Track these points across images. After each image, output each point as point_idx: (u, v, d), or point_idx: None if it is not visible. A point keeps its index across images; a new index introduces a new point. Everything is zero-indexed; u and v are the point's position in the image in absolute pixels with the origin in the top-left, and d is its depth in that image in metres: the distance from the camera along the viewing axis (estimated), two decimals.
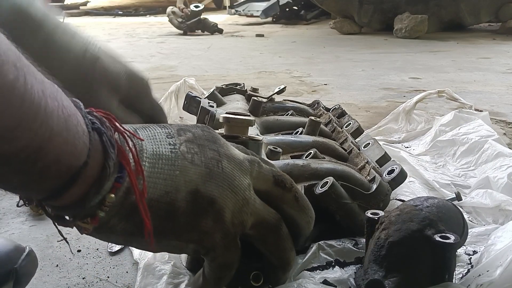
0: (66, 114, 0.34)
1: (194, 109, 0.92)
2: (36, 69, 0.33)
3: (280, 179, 0.49)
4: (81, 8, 6.29)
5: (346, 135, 0.86)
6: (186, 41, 3.48)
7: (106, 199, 0.37)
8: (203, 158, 0.43)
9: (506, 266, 0.50)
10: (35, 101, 0.31)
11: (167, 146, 0.42)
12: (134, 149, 0.39)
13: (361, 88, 1.80)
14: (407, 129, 1.16)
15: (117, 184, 0.38)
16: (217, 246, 0.44)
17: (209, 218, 0.42)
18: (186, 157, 0.42)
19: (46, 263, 0.66)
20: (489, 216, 0.72)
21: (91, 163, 0.36)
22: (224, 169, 0.44)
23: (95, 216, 0.38)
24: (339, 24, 3.70)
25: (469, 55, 2.54)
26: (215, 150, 0.45)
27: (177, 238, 0.43)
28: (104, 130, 0.37)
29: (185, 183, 0.41)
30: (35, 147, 0.32)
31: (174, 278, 0.58)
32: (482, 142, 0.93)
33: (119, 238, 0.42)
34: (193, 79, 1.25)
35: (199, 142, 0.44)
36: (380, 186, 0.66)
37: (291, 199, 0.50)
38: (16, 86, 0.29)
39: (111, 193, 0.37)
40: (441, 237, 0.49)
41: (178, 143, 0.43)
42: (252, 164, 0.47)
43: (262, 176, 0.48)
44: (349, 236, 0.63)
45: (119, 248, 0.69)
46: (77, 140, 0.35)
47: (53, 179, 0.35)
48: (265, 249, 0.49)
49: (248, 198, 0.45)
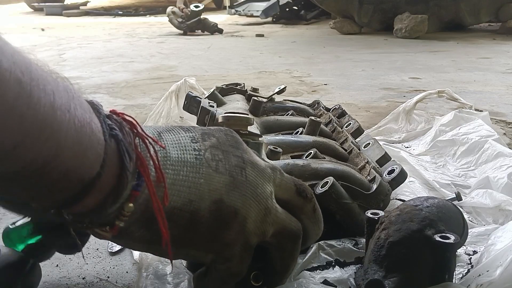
0: (78, 125, 0.32)
1: (195, 109, 0.92)
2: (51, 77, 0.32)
3: (301, 188, 0.49)
4: (81, 8, 6.29)
5: (346, 135, 0.86)
6: (186, 41, 3.47)
7: (125, 208, 0.37)
8: (227, 165, 0.43)
9: (506, 266, 0.50)
10: (39, 117, 0.30)
11: (191, 152, 0.41)
12: (155, 156, 0.38)
13: (361, 88, 1.80)
14: (407, 129, 1.16)
15: (135, 193, 0.37)
16: (235, 257, 0.43)
17: (232, 230, 0.42)
18: (210, 165, 0.42)
19: (46, 263, 0.66)
20: (489, 216, 0.72)
21: (106, 173, 0.35)
22: (248, 177, 0.43)
23: (114, 226, 0.37)
24: (339, 24, 3.70)
25: (469, 55, 2.54)
26: (239, 157, 0.44)
27: (197, 248, 0.42)
28: (122, 138, 0.36)
29: (209, 192, 0.41)
30: (41, 163, 0.31)
31: (174, 278, 0.58)
32: (482, 142, 0.93)
33: (138, 245, 0.42)
34: (193, 79, 1.25)
35: (224, 148, 0.44)
36: (380, 186, 0.66)
37: (310, 210, 0.50)
38: (16, 105, 0.28)
39: (129, 202, 0.37)
40: (441, 237, 0.49)
41: (203, 149, 0.42)
42: (274, 171, 0.47)
43: (285, 184, 0.48)
44: (349, 236, 0.63)
45: (119, 249, 0.69)
46: (89, 151, 0.34)
47: (63, 191, 0.34)
48: (280, 255, 0.48)
49: (270, 207, 0.45)
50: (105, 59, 2.60)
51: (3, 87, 0.27)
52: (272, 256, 0.49)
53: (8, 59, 0.28)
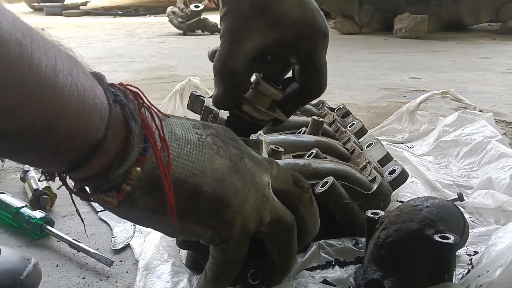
0: (81, 88, 0.33)
1: (198, 108, 0.92)
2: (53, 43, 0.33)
3: (298, 179, 0.50)
4: (81, 8, 6.28)
5: (349, 135, 0.86)
6: (186, 41, 3.47)
7: (132, 172, 0.37)
8: (227, 152, 0.44)
9: (506, 267, 0.49)
10: (41, 79, 0.30)
11: (194, 135, 0.43)
12: (159, 124, 0.39)
13: (361, 88, 1.80)
14: (410, 129, 1.16)
15: (142, 157, 0.38)
16: (232, 237, 0.44)
17: (232, 208, 0.43)
18: (212, 148, 0.43)
19: (46, 263, 0.66)
20: (491, 217, 0.72)
21: (112, 135, 0.36)
22: (246, 165, 0.45)
23: (121, 190, 0.38)
24: (339, 24, 3.70)
25: (469, 55, 2.54)
26: (237, 148, 0.46)
27: (197, 222, 0.43)
28: (126, 102, 0.37)
29: (212, 170, 0.42)
30: (45, 124, 0.32)
31: (173, 276, 0.58)
32: (486, 143, 0.93)
33: (139, 214, 0.41)
34: (197, 78, 1.26)
35: (223, 139, 0.45)
36: (381, 186, 0.66)
37: (308, 200, 0.50)
38: (18, 65, 0.29)
39: (137, 166, 0.37)
40: (440, 237, 0.49)
41: (204, 134, 0.44)
42: (271, 164, 0.48)
43: (281, 175, 0.49)
44: (350, 235, 0.63)
45: (122, 246, 0.69)
46: (93, 113, 0.34)
47: (70, 152, 0.35)
48: (275, 247, 0.49)
49: (268, 195, 0.46)
50: (105, 59, 2.60)
51: (4, 47, 0.28)
52: (269, 250, 0.49)
53: (8, 22, 0.29)
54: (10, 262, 0.54)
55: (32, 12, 6.58)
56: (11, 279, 0.53)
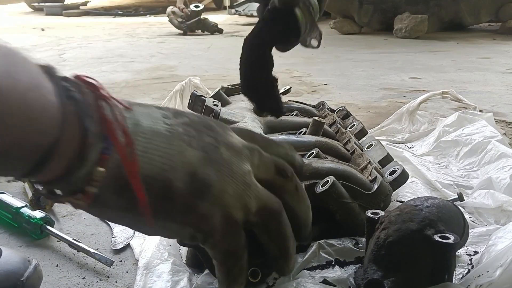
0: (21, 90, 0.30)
1: (199, 107, 0.93)
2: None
3: (281, 167, 0.48)
4: (81, 8, 6.29)
5: (350, 136, 0.86)
6: (186, 41, 3.47)
7: (94, 173, 0.35)
8: (200, 142, 0.41)
9: (506, 267, 0.49)
10: None
11: (163, 125, 0.40)
12: (121, 116, 0.36)
13: (361, 88, 1.80)
14: (410, 129, 1.16)
15: (104, 156, 0.35)
16: (215, 231, 0.42)
17: (206, 201, 0.40)
18: (183, 139, 0.40)
19: (46, 263, 0.66)
20: (491, 217, 0.72)
21: (66, 136, 0.33)
22: (222, 155, 0.42)
23: (86, 193, 0.36)
24: (339, 24, 3.70)
25: (469, 55, 2.54)
26: (213, 137, 0.43)
27: (173, 220, 0.40)
28: (79, 98, 0.34)
29: (183, 164, 0.39)
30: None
31: (173, 275, 0.58)
32: (486, 143, 0.93)
33: (113, 214, 0.40)
34: (198, 78, 1.26)
35: (196, 127, 0.42)
36: (381, 186, 0.66)
37: (292, 189, 0.48)
38: None
39: (99, 167, 0.35)
40: (440, 237, 0.49)
41: (175, 124, 0.41)
42: (252, 151, 0.46)
43: (264, 164, 0.46)
44: (350, 235, 0.63)
45: (122, 246, 0.69)
46: (42, 116, 0.32)
47: (21, 159, 0.32)
48: (267, 236, 0.47)
49: (249, 182, 0.43)
50: (105, 59, 2.60)
51: None
52: (263, 241, 0.47)
53: None
54: (11, 263, 0.54)
55: (32, 12, 6.58)
56: (12, 280, 0.53)
